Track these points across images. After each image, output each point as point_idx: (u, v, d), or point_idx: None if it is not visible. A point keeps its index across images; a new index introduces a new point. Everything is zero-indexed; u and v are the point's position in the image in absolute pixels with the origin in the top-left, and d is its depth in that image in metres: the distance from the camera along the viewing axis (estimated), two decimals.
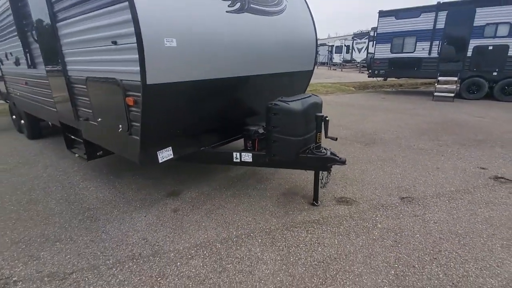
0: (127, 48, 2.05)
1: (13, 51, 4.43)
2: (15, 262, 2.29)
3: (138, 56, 1.95)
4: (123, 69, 2.17)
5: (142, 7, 1.90)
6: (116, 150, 2.85)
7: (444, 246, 2.33)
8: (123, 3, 1.92)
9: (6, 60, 4.96)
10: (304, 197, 3.21)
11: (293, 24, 3.50)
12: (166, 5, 2.10)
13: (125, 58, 2.10)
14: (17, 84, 4.87)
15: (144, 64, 1.97)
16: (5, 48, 4.80)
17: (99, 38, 2.30)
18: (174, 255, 2.32)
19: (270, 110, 2.63)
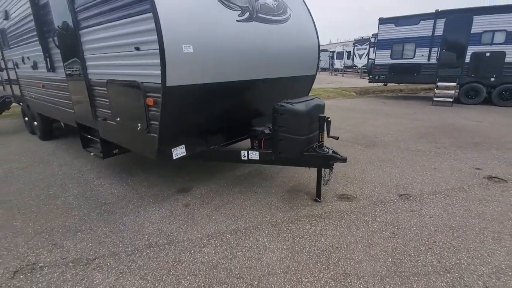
0: (149, 53, 2.27)
1: (31, 55, 4.68)
2: (39, 250, 2.48)
3: (159, 61, 2.16)
4: (144, 73, 2.39)
5: (164, 17, 2.12)
6: (133, 147, 3.06)
7: (439, 238, 2.51)
8: (147, 13, 2.14)
9: (23, 64, 5.21)
10: (308, 194, 3.40)
11: (297, 31, 3.73)
12: (184, 15, 2.32)
13: (147, 62, 2.32)
14: (33, 87, 5.11)
15: (164, 68, 2.18)
16: (22, 53, 5.06)
17: (122, 44, 2.53)
18: (187, 244, 2.51)
19: (276, 111, 2.84)
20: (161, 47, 2.13)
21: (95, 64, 3.03)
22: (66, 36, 3.35)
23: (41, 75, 4.46)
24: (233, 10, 2.78)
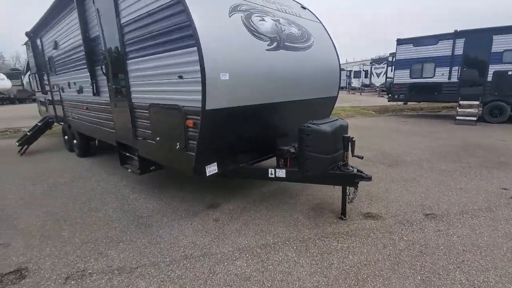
0: (191, 81, 2.56)
1: (77, 81, 5.21)
2: (87, 258, 2.71)
3: (201, 87, 2.45)
4: (186, 98, 2.68)
5: (206, 50, 2.42)
6: (171, 164, 3.33)
7: (467, 257, 2.52)
8: (192, 48, 2.46)
9: (68, 88, 5.78)
10: (332, 211, 3.49)
11: (319, 56, 3.99)
12: (222, 46, 2.63)
13: (188, 89, 2.61)
14: (77, 109, 5.63)
15: (205, 94, 2.46)
16: (68, 79, 5.63)
17: (165, 73, 2.86)
18: (220, 256, 2.66)
19: (303, 132, 3.03)
20: (203, 76, 2.42)
21: (139, 89, 3.39)
22: (114, 65, 3.77)
23: (85, 98, 4.95)
24: (263, 41, 3.07)
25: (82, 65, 4.70)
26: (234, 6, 2.93)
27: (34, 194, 4.35)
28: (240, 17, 2.92)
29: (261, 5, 3.37)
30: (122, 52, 3.46)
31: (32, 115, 16.48)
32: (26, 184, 4.81)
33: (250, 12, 3.08)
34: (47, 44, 6.52)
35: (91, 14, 4.07)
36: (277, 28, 3.33)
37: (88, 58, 4.31)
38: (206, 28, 2.49)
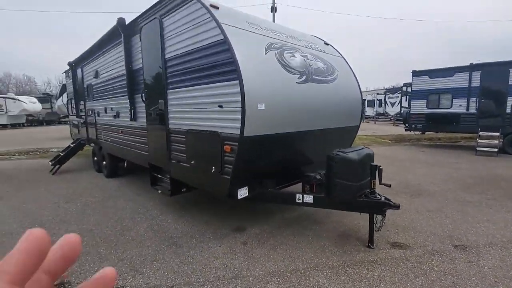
0: (231, 110, 2.82)
1: (114, 106, 5.66)
2: (124, 275, 2.84)
3: (240, 116, 2.69)
4: (225, 125, 2.92)
5: (246, 84, 2.70)
6: (205, 187, 3.51)
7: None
8: (233, 81, 2.74)
9: (104, 113, 6.24)
10: (359, 239, 3.51)
11: (343, 88, 4.24)
12: (259, 79, 2.90)
13: (228, 117, 2.87)
14: (111, 132, 6.03)
15: (244, 122, 2.69)
16: (105, 104, 6.11)
17: (206, 102, 3.14)
18: (252, 279, 2.73)
19: (332, 159, 3.18)
20: (243, 106, 2.67)
21: (177, 116, 3.69)
22: (154, 94, 4.14)
23: (122, 123, 5.34)
24: (293, 74, 3.35)
25: (121, 93, 5.14)
26: (269, 44, 3.26)
27: (68, 212, 4.59)
28: (274, 54, 3.23)
29: (291, 43, 3.70)
30: (164, 83, 3.82)
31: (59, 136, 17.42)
32: (60, 202, 5.08)
33: (282, 49, 3.40)
34: (87, 73, 7.15)
35: (136, 49, 4.54)
36: (305, 63, 3.62)
37: (129, 87, 4.73)
38: (247, 64, 2.79)
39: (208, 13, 2.93)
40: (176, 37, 3.51)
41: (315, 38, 4.74)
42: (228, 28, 2.87)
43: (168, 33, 3.64)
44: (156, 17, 3.79)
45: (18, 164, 9.24)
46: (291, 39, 3.81)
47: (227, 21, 2.97)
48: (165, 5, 3.62)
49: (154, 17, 3.85)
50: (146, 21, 4.09)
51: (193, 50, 3.25)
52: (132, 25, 4.57)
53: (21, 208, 4.83)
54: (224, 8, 3.17)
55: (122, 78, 5.04)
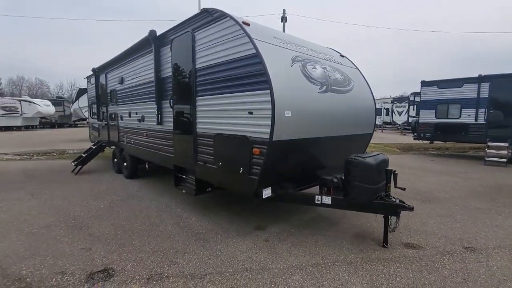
0: (260, 117, 3.12)
1: (139, 111, 6.02)
2: (161, 264, 3.12)
3: (270, 122, 2.99)
4: (254, 130, 3.22)
5: (276, 93, 3.00)
6: (232, 187, 3.80)
7: (508, 285, 2.69)
8: (265, 90, 3.05)
9: (128, 117, 6.61)
10: (374, 240, 3.73)
11: (359, 98, 4.52)
12: (286, 89, 3.21)
13: (257, 123, 3.16)
14: (135, 135, 6.38)
15: (273, 128, 2.99)
16: (130, 109, 6.48)
17: (236, 109, 3.45)
18: (278, 271, 2.98)
19: (350, 163, 3.44)
20: (273, 113, 2.97)
21: (205, 121, 4.01)
22: (182, 100, 4.47)
23: (147, 126, 5.69)
24: (315, 85, 3.65)
25: (148, 98, 5.50)
26: (293, 58, 3.57)
27: (98, 208, 4.91)
28: (298, 66, 3.54)
29: (312, 56, 4.02)
30: (193, 90, 4.15)
31: (71, 138, 17.95)
32: (88, 200, 5.42)
33: (305, 61, 3.71)
34: (112, 79, 7.57)
35: (165, 58, 4.91)
36: (325, 74, 3.92)
37: (157, 93, 5.08)
38: (276, 75, 3.10)
39: (241, 30, 3.27)
40: (207, 49, 3.85)
41: (331, 50, 5.05)
42: (259, 42, 3.20)
43: (200, 46, 3.99)
44: (189, 30, 4.14)
45: (39, 164, 9.67)
46: (311, 52, 4.12)
47: (257, 36, 3.30)
48: (198, 20, 3.97)
49: (186, 31, 4.21)
50: (178, 34, 4.46)
51: (224, 61, 3.58)
52: (162, 37, 4.95)
53: (53, 204, 5.17)
54: (254, 24, 3.51)
55: (150, 84, 5.40)
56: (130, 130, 6.63)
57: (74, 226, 4.14)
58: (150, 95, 5.39)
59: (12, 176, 7.49)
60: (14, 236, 3.80)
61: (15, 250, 3.41)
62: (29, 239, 3.70)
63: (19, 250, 3.41)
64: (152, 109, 5.35)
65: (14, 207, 4.98)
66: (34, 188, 6.30)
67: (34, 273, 2.91)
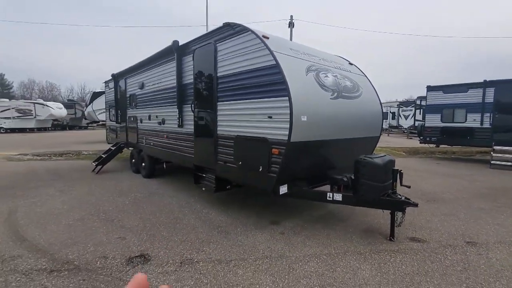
0: (280, 121, 3.49)
1: (159, 114, 6.45)
2: (190, 251, 3.49)
3: (288, 125, 3.35)
4: (273, 132, 3.59)
5: (293, 99, 3.37)
6: (251, 183, 4.16)
7: (505, 274, 2.99)
8: (283, 97, 3.42)
9: (148, 120, 7.05)
10: (381, 234, 4.05)
11: (367, 103, 4.86)
12: (302, 96, 3.57)
13: (277, 126, 3.53)
14: (154, 137, 6.81)
15: (291, 130, 3.35)
16: (150, 112, 6.92)
17: (256, 113, 3.83)
18: (295, 258, 3.33)
19: (360, 163, 3.78)
20: (291, 117, 3.33)
21: (225, 124, 4.39)
22: (203, 105, 4.87)
23: (168, 129, 6.11)
24: (327, 92, 4.02)
25: (169, 103, 5.93)
26: (308, 67, 3.95)
27: (124, 204, 5.32)
28: (312, 75, 3.91)
29: (324, 65, 4.38)
30: (214, 96, 4.54)
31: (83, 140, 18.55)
32: (114, 196, 5.84)
33: (318, 70, 4.08)
34: (131, 84, 8.04)
35: (187, 66, 5.33)
36: (336, 82, 4.29)
37: (179, 98, 5.50)
38: (293, 83, 3.47)
39: (262, 43, 3.65)
40: (229, 59, 4.25)
41: (341, 58, 5.41)
42: (277, 54, 3.58)
43: (222, 56, 4.39)
44: (211, 42, 4.56)
45: (60, 164, 10.18)
46: (323, 61, 4.49)
47: (276, 48, 3.68)
48: (221, 33, 4.38)
49: (208, 42, 4.62)
50: (200, 44, 4.87)
51: (245, 70, 3.97)
52: (184, 47, 5.37)
53: (82, 200, 5.60)
54: (272, 37, 3.90)
55: (171, 90, 5.82)
56: (149, 132, 7.07)
57: (106, 219, 4.54)
58: (171, 99, 5.81)
59: (39, 175, 7.98)
60: (54, 227, 4.21)
61: (58, 238, 3.82)
62: (68, 230, 4.11)
63: (61, 238, 3.82)
64: (173, 113, 5.77)
65: (48, 202, 5.42)
66: (62, 185, 6.76)
67: (80, 258, 3.31)
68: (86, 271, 3.01)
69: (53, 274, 2.96)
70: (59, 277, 2.91)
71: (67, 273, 2.99)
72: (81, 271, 3.02)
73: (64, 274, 2.95)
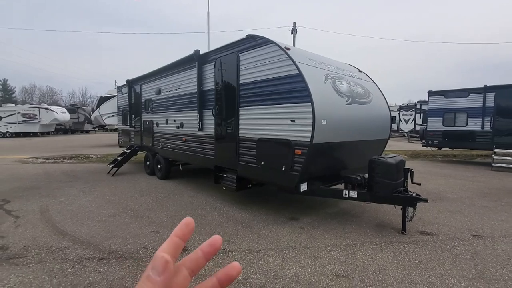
0: (303, 124, 3.85)
1: (177, 118, 6.81)
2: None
3: (311, 128, 3.71)
4: (296, 135, 3.94)
5: (316, 105, 3.73)
6: (274, 181, 4.50)
7: (511, 262, 3.32)
8: (306, 103, 3.78)
9: (165, 124, 7.41)
10: (393, 228, 4.38)
11: (377, 108, 5.23)
12: (323, 102, 3.94)
13: (299, 129, 3.89)
14: (171, 140, 7.15)
15: (313, 133, 3.71)
16: (168, 116, 7.28)
17: (279, 117, 4.19)
18: (318, 248, 3.65)
19: (374, 162, 4.13)
20: (313, 121, 3.69)
21: (247, 128, 4.75)
22: (225, 109, 5.23)
23: (187, 132, 6.46)
24: (343, 98, 4.38)
25: (188, 108, 6.30)
26: (326, 75, 4.32)
27: (148, 203, 5.64)
28: (330, 83, 4.29)
29: (339, 73, 4.76)
30: (237, 102, 4.91)
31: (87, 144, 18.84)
32: (136, 196, 6.16)
33: (334, 78, 4.46)
34: (147, 90, 8.41)
35: (207, 74, 5.71)
36: (350, 89, 4.66)
37: (199, 103, 5.86)
38: (314, 90, 3.84)
39: (284, 54, 4.03)
40: (251, 68, 4.62)
41: (351, 66, 5.80)
42: (299, 64, 3.95)
43: (244, 65, 4.76)
44: (234, 52, 4.94)
45: (73, 167, 10.50)
46: (337, 69, 4.87)
47: (298, 59, 4.06)
48: (243, 44, 4.76)
49: (231, 52, 5.00)
50: (222, 54, 5.26)
51: (268, 79, 4.34)
52: (205, 56, 5.76)
53: (106, 199, 5.92)
54: (293, 48, 4.28)
55: (191, 95, 6.19)
56: (166, 135, 7.41)
57: (135, 216, 4.87)
58: (191, 104, 6.18)
59: (57, 177, 8.30)
60: (89, 223, 4.54)
61: (97, 232, 4.14)
62: (103, 225, 4.44)
63: (100, 232, 4.14)
64: (192, 117, 6.12)
65: (75, 201, 5.74)
66: (82, 186, 7.08)
67: (122, 248, 3.63)
68: (132, 259, 3.34)
69: (102, 261, 3.28)
70: (109, 264, 3.23)
71: (115, 260, 3.31)
72: (127, 259, 3.35)
73: (113, 262, 3.28)
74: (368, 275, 3.05)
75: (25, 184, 7.27)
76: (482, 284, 2.87)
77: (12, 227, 4.36)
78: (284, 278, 2.97)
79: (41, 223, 4.54)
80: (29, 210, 5.16)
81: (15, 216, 4.85)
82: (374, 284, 2.89)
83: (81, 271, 3.07)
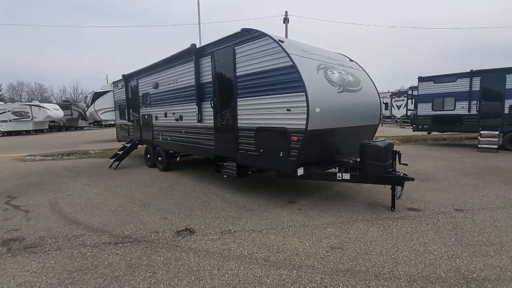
0: (298, 112, 4.12)
1: (176, 111, 7.02)
2: (225, 224, 4.13)
3: (305, 116, 3.99)
4: (292, 122, 4.22)
5: (309, 94, 4.01)
6: (273, 167, 4.80)
7: (487, 230, 3.71)
8: (300, 92, 4.05)
9: (164, 117, 7.61)
10: (383, 206, 4.76)
11: (367, 95, 5.53)
12: (316, 91, 4.21)
13: (295, 117, 4.17)
14: (171, 132, 7.38)
15: (308, 120, 4.00)
16: (166, 110, 7.48)
17: (275, 107, 4.45)
18: (314, 226, 4.00)
19: (365, 146, 4.45)
20: (307, 109, 3.97)
21: (246, 118, 5.00)
22: (223, 101, 5.47)
23: (186, 124, 6.69)
24: (334, 87, 4.66)
25: (187, 100, 6.51)
26: (318, 65, 4.58)
27: (153, 193, 5.92)
28: (322, 72, 4.55)
29: (330, 63, 5.02)
30: (234, 93, 5.15)
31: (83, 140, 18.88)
32: (141, 187, 6.42)
33: (326, 68, 4.72)
34: (144, 84, 8.55)
35: (205, 67, 5.91)
36: (341, 78, 4.93)
37: (198, 96, 6.08)
38: (307, 80, 4.10)
39: (279, 46, 4.27)
40: (247, 61, 4.84)
41: (342, 56, 6.05)
42: (293, 56, 4.20)
43: (240, 58, 4.98)
44: (229, 45, 5.14)
45: (74, 162, 10.67)
46: (329, 59, 5.12)
47: (291, 50, 4.30)
48: (239, 38, 4.96)
49: (227, 45, 5.20)
50: (218, 47, 5.45)
51: (263, 70, 4.57)
52: (201, 50, 5.94)
53: (112, 191, 6.18)
54: (287, 41, 4.51)
55: (189, 88, 6.40)
56: (166, 128, 7.63)
57: (143, 205, 5.15)
58: (190, 97, 6.39)
59: (59, 172, 8.49)
60: (99, 213, 4.81)
61: (108, 221, 4.42)
62: (113, 214, 4.71)
63: (111, 220, 4.42)
64: (191, 109, 6.35)
65: (82, 194, 5.99)
66: (86, 180, 7.30)
67: (135, 233, 3.92)
68: (145, 242, 3.64)
69: (118, 245, 3.58)
70: (124, 247, 3.53)
71: (129, 244, 3.61)
72: (140, 242, 3.65)
73: (128, 245, 3.58)
74: (360, 246, 3.41)
75: (28, 181, 7.45)
76: (459, 249, 3.26)
77: (24, 220, 4.60)
78: (286, 252, 3.31)
79: (53, 215, 4.79)
80: (38, 204, 5.39)
81: (24, 211, 5.07)
82: (365, 253, 3.25)
83: (99, 254, 3.37)
